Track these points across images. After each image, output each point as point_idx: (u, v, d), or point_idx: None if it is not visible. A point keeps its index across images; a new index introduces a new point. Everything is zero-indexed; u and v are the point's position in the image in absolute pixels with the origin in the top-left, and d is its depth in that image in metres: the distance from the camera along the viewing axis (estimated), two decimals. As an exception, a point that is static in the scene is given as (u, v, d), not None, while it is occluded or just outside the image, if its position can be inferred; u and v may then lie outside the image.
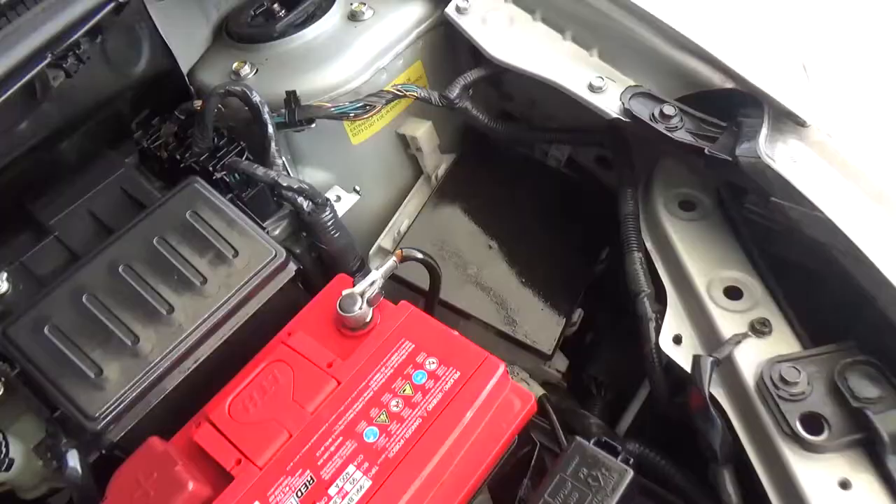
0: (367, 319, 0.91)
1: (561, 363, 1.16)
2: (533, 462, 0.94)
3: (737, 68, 0.89)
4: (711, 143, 0.89)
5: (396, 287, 1.12)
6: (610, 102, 0.97)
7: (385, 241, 1.19)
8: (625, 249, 0.98)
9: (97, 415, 0.79)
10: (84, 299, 0.83)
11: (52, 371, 0.79)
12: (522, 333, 1.11)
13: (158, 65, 1.10)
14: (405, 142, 1.21)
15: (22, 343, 0.79)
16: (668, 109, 0.94)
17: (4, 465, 0.78)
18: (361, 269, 1.07)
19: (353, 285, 0.89)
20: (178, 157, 1.04)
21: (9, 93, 0.73)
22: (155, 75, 1.10)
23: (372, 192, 1.20)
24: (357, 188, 1.13)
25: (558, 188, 1.28)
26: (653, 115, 0.94)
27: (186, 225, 0.88)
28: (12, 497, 0.93)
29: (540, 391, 1.13)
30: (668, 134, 0.92)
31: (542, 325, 1.12)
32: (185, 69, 1.13)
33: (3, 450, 0.78)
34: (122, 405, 0.81)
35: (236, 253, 0.89)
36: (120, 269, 0.85)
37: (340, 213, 1.06)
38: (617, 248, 1.07)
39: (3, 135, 0.85)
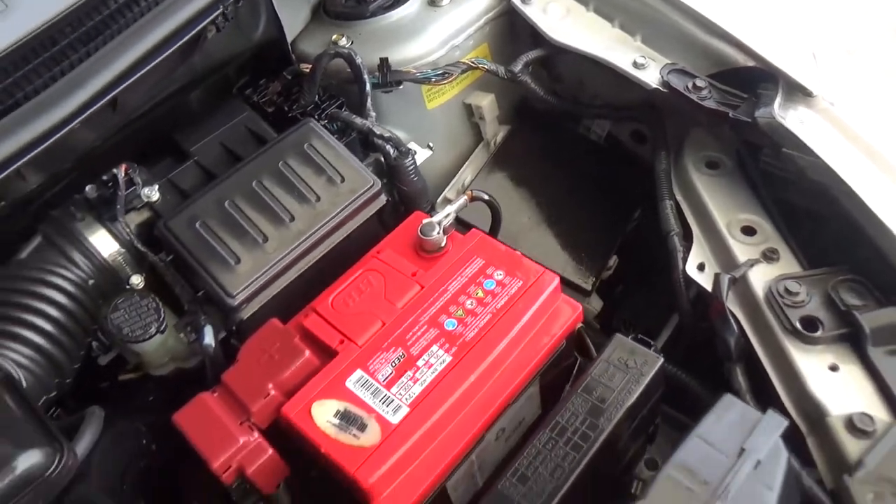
0: (442, 245, 1.10)
1: (596, 303, 1.35)
2: (574, 373, 1.13)
3: (757, 49, 1.10)
4: (734, 110, 1.09)
5: (460, 230, 1.32)
6: (651, 77, 1.18)
7: (450, 193, 1.39)
8: (658, 199, 1.18)
9: (235, 293, 0.99)
10: (226, 204, 1.03)
11: (202, 257, 0.99)
12: (566, 272, 1.30)
13: (269, 34, 1.31)
14: (470, 111, 1.42)
15: (179, 233, 1.00)
16: (700, 82, 1.14)
17: (162, 327, 0.97)
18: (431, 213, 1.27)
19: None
20: (285, 108, 1.25)
21: (191, 34, 0.94)
22: (265, 43, 1.32)
23: (438, 153, 1.40)
24: (430, 144, 1.33)
25: (598, 159, 1.48)
26: (686, 86, 1.14)
27: (304, 154, 1.09)
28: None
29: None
30: (700, 102, 1.12)
31: (582, 266, 1.31)
32: (289, 39, 1.35)
33: (161, 314, 0.97)
34: (253, 289, 1.01)
35: (343, 179, 1.09)
36: (253, 184, 1.06)
37: (416, 164, 1.27)
38: (648, 208, 1.27)
39: (166, 76, 1.06)
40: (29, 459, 0.70)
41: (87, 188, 1.05)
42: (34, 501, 0.71)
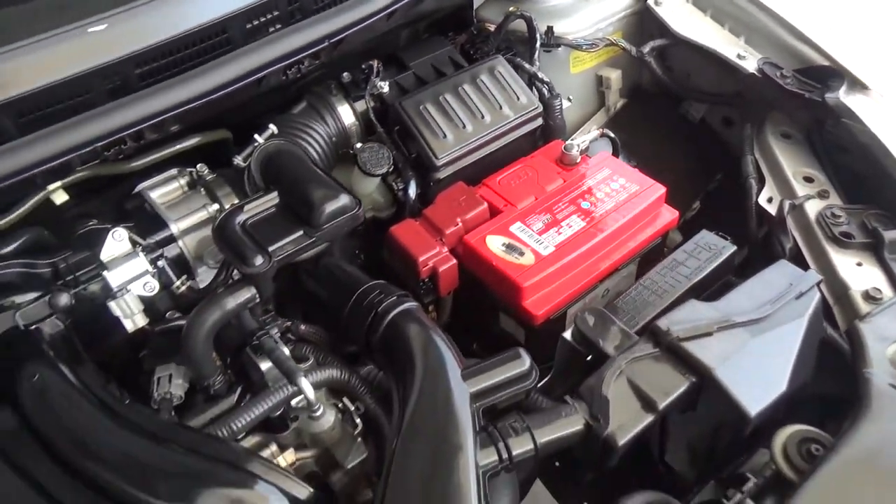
0: (577, 160, 1.51)
1: (677, 237, 1.73)
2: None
3: (830, 52, 1.50)
4: (809, 92, 1.48)
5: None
6: (750, 66, 1.58)
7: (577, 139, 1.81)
8: (743, 154, 1.57)
9: (440, 157, 1.41)
10: (440, 98, 1.46)
11: (421, 128, 1.42)
12: (660, 206, 1.70)
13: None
14: (600, 81, 1.85)
15: (408, 110, 1.43)
16: (786, 73, 1.54)
17: (390, 168, 1.39)
18: (564, 147, 1.69)
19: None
20: (470, 52, 1.69)
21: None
22: (456, 6, 1.76)
23: (570, 108, 1.82)
24: (570, 98, 1.75)
25: (692, 135, 1.88)
26: (776, 74, 1.54)
27: (494, 76, 1.52)
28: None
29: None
30: (785, 86, 1.52)
31: (673, 204, 1.70)
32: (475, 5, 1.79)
33: (391, 161, 1.39)
34: (450, 158, 1.43)
35: (518, 98, 1.52)
36: (458, 89, 1.49)
37: (558, 110, 1.69)
38: (727, 174, 1.67)
39: (400, 15, 1.50)
40: (343, 199, 1.12)
41: (344, 74, 1.50)
42: (342, 229, 1.13)
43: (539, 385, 1.13)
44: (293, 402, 1.12)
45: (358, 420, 1.11)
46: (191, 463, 0.94)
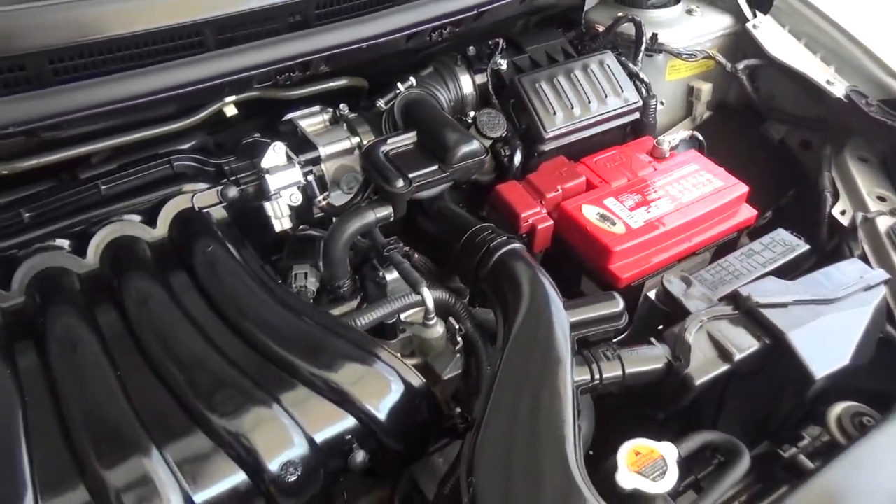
0: (667, 154, 1.65)
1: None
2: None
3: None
4: (892, 121, 1.61)
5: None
6: (838, 92, 1.71)
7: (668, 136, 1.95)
8: (820, 172, 1.69)
9: (549, 130, 1.57)
10: (553, 80, 1.63)
11: (535, 102, 1.58)
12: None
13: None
14: (690, 91, 1.99)
15: (525, 85, 1.60)
16: (871, 101, 1.67)
17: (505, 133, 1.55)
18: (652, 145, 1.83)
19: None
20: (578, 48, 1.85)
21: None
22: (569, 6, 1.93)
23: (659, 112, 1.96)
24: (662, 101, 1.90)
25: (770, 152, 2.01)
26: (861, 102, 1.67)
27: (602, 67, 1.68)
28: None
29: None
30: (870, 113, 1.64)
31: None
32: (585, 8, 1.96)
33: (506, 125, 1.55)
34: (557, 133, 1.59)
35: (622, 90, 1.67)
36: (570, 74, 1.65)
37: (652, 109, 1.84)
38: (800, 191, 1.80)
39: (527, 4, 1.66)
40: (475, 144, 1.29)
41: (470, 48, 1.67)
42: (470, 170, 1.29)
43: (616, 340, 1.27)
44: (403, 316, 1.28)
45: (459, 339, 1.26)
46: (328, 337, 1.10)
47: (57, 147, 1.20)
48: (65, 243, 1.16)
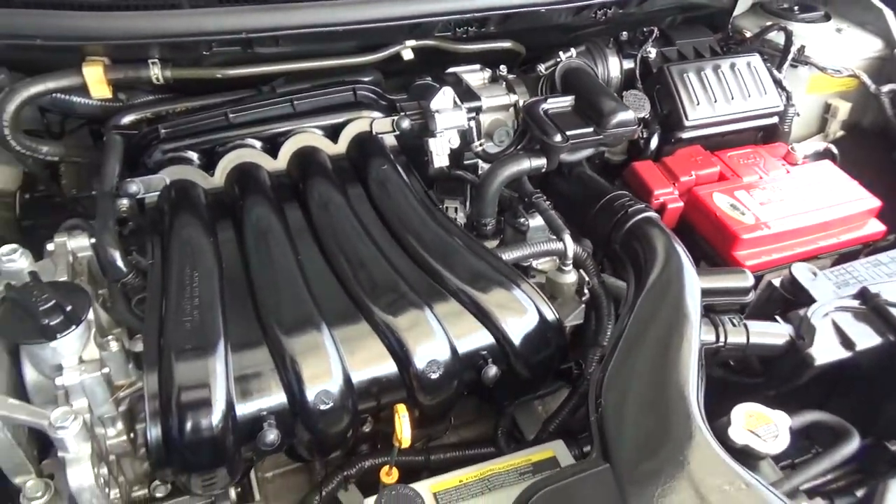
0: (800, 161, 1.69)
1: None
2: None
3: None
4: None
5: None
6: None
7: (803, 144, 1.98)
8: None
9: (689, 118, 1.64)
10: (701, 73, 1.70)
11: (680, 90, 1.65)
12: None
13: (725, 5, 1.98)
14: (827, 108, 2.01)
15: (674, 74, 1.67)
16: None
17: (647, 113, 1.64)
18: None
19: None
20: (723, 50, 1.91)
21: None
22: (719, 9, 1.98)
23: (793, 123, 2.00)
24: (798, 113, 1.93)
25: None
26: None
27: (749, 68, 1.74)
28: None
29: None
30: None
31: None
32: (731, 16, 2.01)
33: (648, 106, 1.64)
34: (697, 123, 1.66)
35: (764, 94, 1.72)
36: (717, 70, 1.71)
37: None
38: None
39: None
40: (629, 114, 1.38)
41: (623, 33, 1.75)
42: (621, 137, 1.38)
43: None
44: (536, 263, 1.38)
45: (586, 291, 1.35)
46: (478, 261, 1.21)
47: (260, 62, 1.36)
48: (257, 144, 1.32)
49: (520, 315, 1.17)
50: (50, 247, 1.21)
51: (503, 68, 1.58)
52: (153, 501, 1.20)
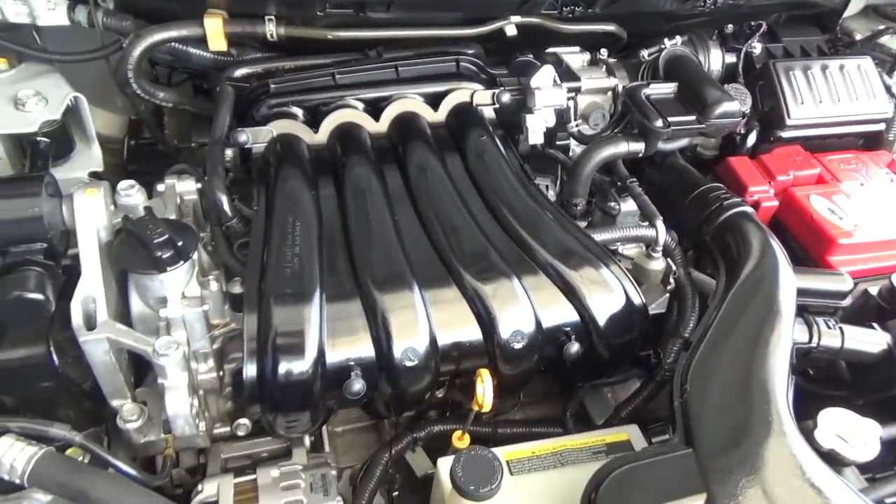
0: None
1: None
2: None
3: None
4: None
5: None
6: None
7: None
8: None
9: (791, 117, 1.60)
10: (808, 71, 1.64)
11: (785, 89, 1.61)
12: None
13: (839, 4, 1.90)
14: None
15: (779, 72, 1.63)
16: None
17: (748, 108, 1.60)
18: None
19: None
20: (830, 51, 1.84)
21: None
22: (829, 10, 1.91)
23: (895, 135, 1.92)
24: None
25: None
26: None
27: (858, 69, 1.67)
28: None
29: None
30: None
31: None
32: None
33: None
34: (798, 123, 1.61)
35: (873, 98, 1.65)
36: (826, 70, 1.65)
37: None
38: None
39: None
40: (734, 105, 1.36)
41: (729, 26, 1.71)
42: (724, 128, 1.37)
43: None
44: (622, 247, 1.38)
45: (672, 281, 1.34)
46: (569, 237, 1.21)
47: (370, 27, 1.39)
48: (360, 106, 1.35)
49: (607, 295, 1.17)
50: (160, 187, 1.27)
51: (603, 52, 1.57)
52: (234, 439, 1.26)
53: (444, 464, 1.08)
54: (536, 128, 1.38)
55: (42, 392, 1.11)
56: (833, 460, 1.04)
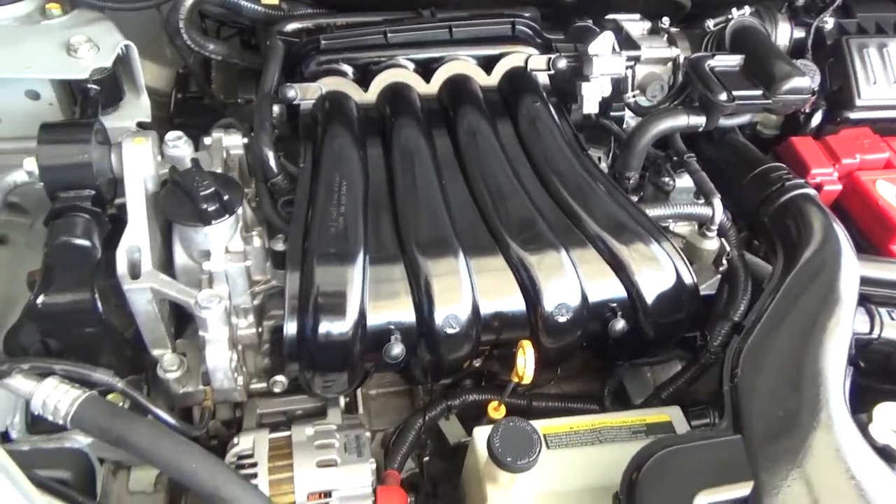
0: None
1: None
2: None
3: None
4: None
5: None
6: None
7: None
8: None
9: (863, 98, 1.51)
10: (884, 49, 1.55)
11: (858, 68, 1.52)
12: None
13: None
14: None
15: (852, 47, 1.54)
16: None
17: (815, 85, 1.52)
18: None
19: None
20: None
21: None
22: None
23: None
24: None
25: None
26: None
27: None
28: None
29: None
30: None
31: None
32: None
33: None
34: (868, 104, 1.53)
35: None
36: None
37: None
38: None
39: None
40: (804, 81, 1.29)
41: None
42: (792, 105, 1.29)
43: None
44: (674, 225, 1.33)
45: (725, 262, 1.29)
46: (620, 210, 1.17)
47: (423, -15, 1.35)
48: (411, 66, 1.32)
49: (657, 272, 1.13)
50: (207, 141, 1.26)
51: (665, 20, 1.50)
52: (270, 395, 1.26)
53: (481, 433, 1.07)
54: (592, 96, 1.33)
55: (85, 337, 1.12)
56: (888, 456, 1.00)
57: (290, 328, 1.03)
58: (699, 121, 1.28)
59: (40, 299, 1.08)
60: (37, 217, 1.40)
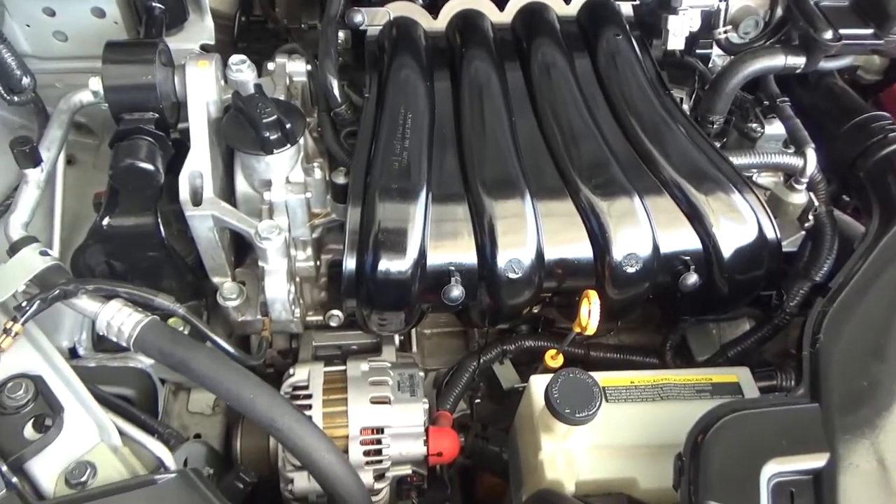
0: None
1: None
2: None
3: None
4: None
5: None
6: None
7: None
8: None
9: None
10: None
11: None
12: None
13: None
14: None
15: None
16: None
17: None
18: None
19: None
20: None
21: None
22: None
23: None
24: None
25: None
26: None
27: None
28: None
29: None
30: None
31: None
32: None
33: None
34: None
35: None
36: None
37: None
38: None
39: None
40: None
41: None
42: None
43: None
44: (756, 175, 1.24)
45: (811, 217, 1.19)
46: (702, 156, 1.10)
47: None
48: (485, -6, 1.24)
49: (738, 224, 1.05)
50: (270, 66, 1.22)
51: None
52: (326, 329, 1.26)
53: (539, 381, 1.04)
54: (678, 31, 1.22)
55: (148, 261, 1.13)
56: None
57: (349, 264, 1.01)
58: (798, 61, 1.16)
59: (105, 221, 1.09)
60: (103, 138, 1.41)
